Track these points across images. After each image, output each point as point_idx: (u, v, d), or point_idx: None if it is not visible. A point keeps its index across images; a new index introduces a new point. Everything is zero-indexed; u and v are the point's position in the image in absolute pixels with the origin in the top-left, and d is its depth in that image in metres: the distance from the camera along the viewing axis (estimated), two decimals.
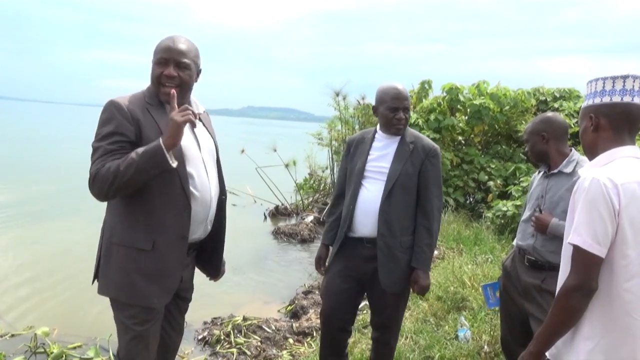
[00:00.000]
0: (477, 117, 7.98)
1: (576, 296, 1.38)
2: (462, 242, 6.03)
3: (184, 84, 1.87)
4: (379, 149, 2.38)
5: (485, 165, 7.95)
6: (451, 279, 4.43)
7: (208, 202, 1.96)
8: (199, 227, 1.97)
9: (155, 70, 1.86)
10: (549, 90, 8.79)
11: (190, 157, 1.91)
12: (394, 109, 2.29)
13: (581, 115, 1.57)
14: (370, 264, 2.34)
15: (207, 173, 1.97)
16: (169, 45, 1.85)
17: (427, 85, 8.75)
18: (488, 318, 3.60)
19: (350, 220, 2.37)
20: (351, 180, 2.42)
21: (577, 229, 1.38)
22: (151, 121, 1.83)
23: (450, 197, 7.70)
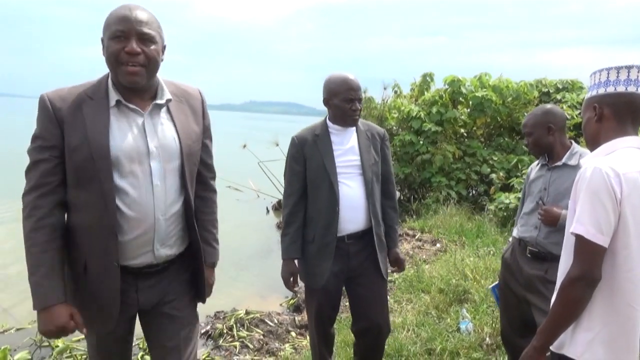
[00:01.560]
0: (479, 110, 7.95)
1: (580, 286, 1.39)
2: (465, 235, 6.03)
3: (151, 63, 1.51)
4: (340, 143, 2.35)
5: (487, 157, 7.93)
6: (453, 272, 4.43)
7: (150, 221, 1.56)
8: (140, 252, 1.60)
9: (111, 47, 1.47)
10: (552, 82, 8.74)
11: (126, 164, 1.52)
12: (350, 100, 2.29)
13: (584, 106, 1.57)
14: (354, 259, 2.36)
15: (153, 184, 1.56)
16: (126, 14, 1.47)
17: (429, 78, 8.72)
18: (490, 310, 3.61)
19: (336, 221, 2.30)
20: (318, 180, 2.32)
21: (580, 218, 1.38)
22: (80, 121, 1.49)
23: (453, 190, 7.69)
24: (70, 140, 1.49)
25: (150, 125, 1.58)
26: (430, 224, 6.59)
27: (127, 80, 1.50)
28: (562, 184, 2.23)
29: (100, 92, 1.55)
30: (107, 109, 1.52)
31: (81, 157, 1.48)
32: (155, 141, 1.57)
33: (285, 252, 2.40)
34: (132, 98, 1.57)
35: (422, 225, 6.61)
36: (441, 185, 7.73)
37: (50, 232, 1.50)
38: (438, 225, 6.49)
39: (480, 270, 4.36)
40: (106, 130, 1.50)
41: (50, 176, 1.51)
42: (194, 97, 1.74)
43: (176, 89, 1.70)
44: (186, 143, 1.64)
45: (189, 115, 1.69)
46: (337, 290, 2.45)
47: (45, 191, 1.50)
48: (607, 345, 1.40)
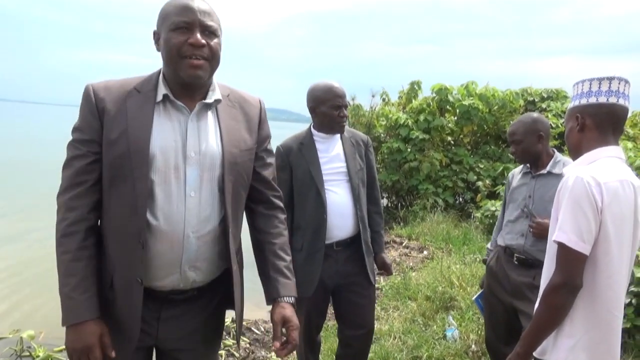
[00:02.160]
0: (466, 118, 8.04)
1: (562, 293, 1.41)
2: (451, 242, 6.07)
3: (215, 57, 1.39)
4: (326, 151, 2.36)
5: (474, 165, 8.01)
6: (440, 279, 4.45)
7: (178, 237, 1.38)
8: (168, 273, 1.41)
9: (172, 39, 1.34)
10: (537, 91, 8.87)
11: (161, 168, 1.36)
12: (337, 107, 2.30)
13: (567, 116, 1.60)
14: (343, 266, 2.36)
15: (186, 194, 1.38)
16: (189, 4, 1.35)
17: (417, 85, 8.80)
18: (475, 317, 3.63)
19: (324, 228, 2.29)
20: (305, 189, 2.31)
21: (562, 226, 1.40)
22: (122, 113, 1.37)
23: (440, 198, 7.75)
24: (110, 133, 1.35)
25: (194, 126, 1.41)
26: (418, 231, 6.62)
27: (190, 74, 1.35)
28: (547, 192, 2.25)
29: (148, 85, 1.41)
30: (152, 103, 1.39)
31: (118, 152, 1.34)
32: (195, 145, 1.39)
33: None
34: (183, 96, 1.41)
35: (410, 232, 6.63)
36: (428, 192, 7.79)
37: (83, 238, 1.36)
38: (425, 233, 6.52)
39: (466, 278, 4.38)
40: (148, 125, 1.36)
41: (85, 174, 1.37)
42: (250, 104, 1.57)
43: (231, 92, 1.54)
44: (230, 151, 1.43)
45: (240, 122, 1.50)
46: (326, 298, 2.45)
47: (80, 192, 1.36)
48: (589, 351, 1.42)
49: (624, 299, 1.48)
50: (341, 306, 2.48)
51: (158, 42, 1.40)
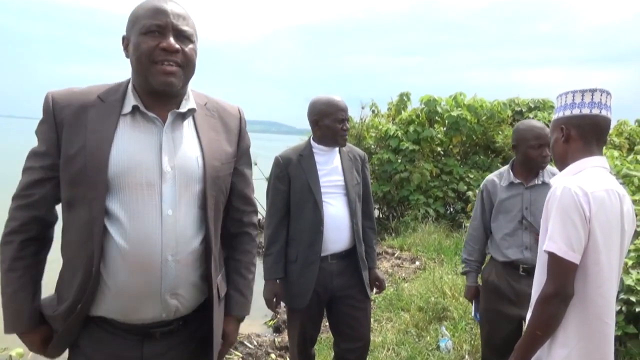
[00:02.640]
0: (455, 128, 8.11)
1: (554, 303, 1.42)
2: (443, 252, 6.09)
3: (189, 64, 1.29)
4: (324, 163, 2.37)
5: (464, 175, 8.07)
6: (432, 290, 4.46)
7: (155, 263, 1.23)
8: (146, 303, 1.27)
9: (142, 44, 1.23)
10: (524, 101, 8.99)
11: (130, 186, 1.23)
12: (341, 120, 2.33)
13: (552, 127, 1.63)
14: (337, 279, 2.36)
15: (163, 214, 1.24)
16: (161, 6, 1.24)
17: (406, 97, 8.87)
18: (468, 328, 3.63)
19: (320, 240, 2.29)
20: (303, 200, 2.31)
21: (552, 236, 1.42)
22: (82, 126, 1.24)
23: (431, 208, 7.78)
24: (69, 148, 1.23)
25: (169, 139, 1.29)
26: (409, 242, 6.63)
27: (161, 81, 1.24)
28: None
29: (115, 95, 1.29)
30: (116, 115, 1.26)
31: (75, 169, 1.23)
32: (171, 159, 1.27)
33: (267, 273, 2.36)
34: (154, 106, 1.29)
35: (401, 243, 6.64)
36: (419, 203, 7.82)
37: (19, 248, 1.29)
38: (417, 243, 6.54)
39: (458, 288, 4.39)
40: (108, 139, 1.23)
41: (32, 188, 1.28)
42: (230, 113, 1.46)
43: (208, 101, 1.43)
44: (211, 164, 1.33)
45: (220, 133, 1.40)
46: (320, 311, 2.44)
47: (23, 204, 1.29)
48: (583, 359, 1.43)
49: (614, 307, 1.50)
50: (337, 319, 2.47)
51: (127, 48, 1.29)
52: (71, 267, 1.29)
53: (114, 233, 1.22)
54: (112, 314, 1.29)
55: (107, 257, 1.23)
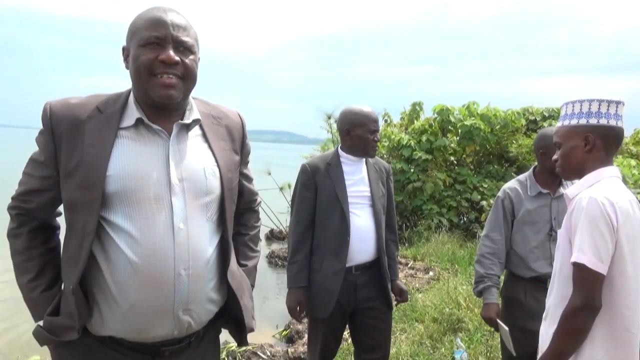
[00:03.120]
0: (468, 138, 8.07)
1: (583, 315, 1.41)
2: (457, 263, 6.03)
3: (190, 76, 1.26)
4: (352, 173, 2.37)
5: (477, 184, 8.01)
6: (446, 300, 4.41)
7: (168, 278, 1.21)
8: (159, 320, 1.24)
9: (141, 56, 1.21)
10: (538, 110, 8.92)
11: (137, 200, 1.21)
12: (373, 131, 2.33)
13: (569, 134, 1.57)
14: (362, 290, 2.35)
15: (175, 227, 1.22)
16: (161, 17, 1.22)
17: (418, 106, 8.87)
18: (484, 339, 3.58)
19: (346, 250, 2.28)
20: (329, 209, 2.30)
21: (581, 248, 1.40)
22: (80, 139, 1.21)
23: (444, 217, 7.73)
24: (68, 162, 1.21)
25: (175, 151, 1.27)
26: (423, 252, 6.58)
27: (161, 94, 1.22)
28: None
29: (114, 106, 1.26)
30: (115, 127, 1.23)
31: (73, 185, 1.21)
32: (179, 172, 1.25)
33: (292, 281, 2.34)
34: (158, 118, 1.27)
35: (415, 253, 6.60)
36: (432, 212, 7.77)
37: (30, 238, 1.31)
38: (430, 253, 6.49)
39: (473, 299, 4.34)
40: (106, 154, 1.20)
41: (30, 195, 1.29)
42: (232, 120, 1.44)
43: (211, 109, 1.41)
44: (227, 176, 1.33)
45: (227, 141, 1.39)
46: (343, 323, 2.43)
47: (22, 207, 1.31)
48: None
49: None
50: (359, 330, 2.46)
51: (127, 59, 1.27)
52: (66, 285, 1.28)
53: (125, 248, 1.19)
54: (122, 332, 1.25)
55: (116, 273, 1.20)
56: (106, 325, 1.25)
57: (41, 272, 1.32)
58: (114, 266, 1.21)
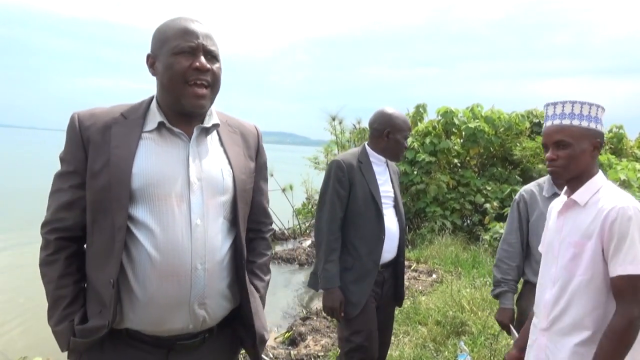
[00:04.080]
0: (472, 140, 8.06)
1: (637, 326, 1.40)
2: (460, 265, 6.01)
3: (217, 83, 1.35)
4: (381, 174, 2.41)
5: (481, 187, 7.99)
6: (450, 303, 4.39)
7: (185, 271, 1.27)
8: (175, 313, 1.29)
9: (175, 64, 1.27)
10: (542, 113, 8.88)
11: (158, 198, 1.27)
12: (407, 138, 2.43)
13: (582, 136, 1.52)
14: (381, 287, 2.41)
15: (192, 224, 1.29)
16: (191, 27, 1.29)
17: (422, 109, 8.86)
18: (488, 343, 3.56)
19: (380, 249, 2.31)
20: (364, 208, 2.30)
21: (636, 259, 1.39)
22: (106, 142, 1.29)
23: (448, 220, 7.71)
24: (94, 164, 1.27)
25: (195, 152, 1.34)
26: (426, 254, 6.57)
27: (193, 104, 1.30)
28: None
29: (137, 112, 1.34)
30: (139, 130, 1.31)
31: (101, 184, 1.26)
32: (198, 172, 1.32)
33: (330, 281, 2.28)
34: (179, 122, 1.34)
35: (418, 255, 6.58)
36: (436, 215, 7.75)
37: (66, 265, 1.32)
38: (433, 256, 6.47)
39: (477, 302, 4.33)
40: (131, 154, 1.27)
41: (63, 211, 1.31)
42: (248, 130, 1.52)
43: (228, 119, 1.50)
44: (240, 177, 1.39)
45: (242, 148, 1.46)
46: (374, 318, 2.39)
47: (56, 228, 1.32)
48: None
49: None
50: None
51: (153, 66, 1.34)
52: (98, 281, 1.30)
53: (145, 242, 1.25)
54: (141, 325, 1.29)
55: (137, 266, 1.26)
56: (125, 318, 1.28)
57: (75, 299, 1.32)
58: (135, 260, 1.26)
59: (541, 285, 1.65)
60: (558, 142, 1.53)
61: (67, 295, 1.31)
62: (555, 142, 1.54)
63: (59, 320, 1.31)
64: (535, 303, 1.67)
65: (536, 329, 1.63)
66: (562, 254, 1.55)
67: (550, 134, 1.56)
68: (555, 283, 1.55)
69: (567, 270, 1.52)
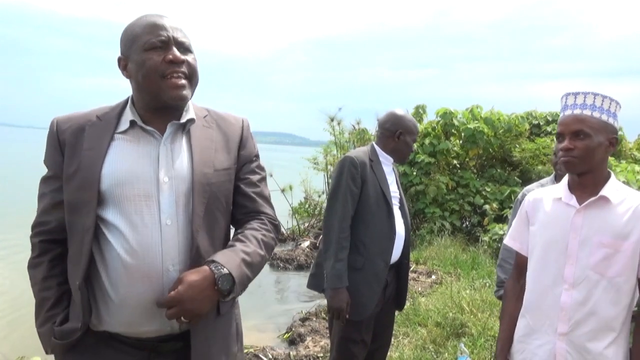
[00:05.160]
0: (471, 141, 8.06)
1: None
2: (460, 267, 6.01)
3: (195, 74, 1.32)
4: (389, 174, 2.42)
5: (480, 188, 7.99)
6: (450, 305, 4.39)
7: (156, 273, 1.23)
8: (150, 315, 1.24)
9: (148, 60, 1.24)
10: (542, 114, 8.92)
11: (128, 199, 1.24)
12: (415, 141, 2.46)
13: (601, 129, 1.48)
14: (385, 291, 2.39)
15: (162, 224, 1.25)
16: (158, 22, 1.27)
17: (422, 110, 8.86)
18: (488, 345, 3.56)
19: (391, 249, 2.30)
20: (376, 207, 2.28)
21: None
22: (79, 145, 1.28)
23: (447, 221, 7.71)
24: (68, 168, 1.28)
25: (166, 150, 1.30)
26: (425, 255, 6.56)
27: (174, 95, 1.25)
28: None
29: (112, 112, 1.33)
30: (111, 131, 1.29)
31: (73, 187, 1.27)
32: (169, 170, 1.28)
33: (338, 280, 2.18)
34: (154, 120, 1.31)
35: (417, 256, 6.58)
36: (435, 216, 7.75)
37: (50, 267, 1.34)
38: (433, 257, 6.47)
39: (477, 303, 4.32)
40: (101, 155, 1.26)
41: (47, 215, 1.33)
42: (230, 123, 1.45)
43: (209, 113, 1.43)
44: (201, 171, 1.30)
45: (216, 142, 1.38)
46: (372, 322, 2.38)
47: (41, 230, 1.35)
48: None
49: None
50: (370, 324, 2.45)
51: (126, 69, 1.30)
52: (72, 283, 1.31)
53: (116, 244, 1.23)
54: (117, 327, 1.28)
55: (109, 268, 1.24)
56: (103, 321, 1.28)
57: (58, 301, 1.33)
58: (107, 262, 1.25)
59: (544, 286, 1.56)
60: (577, 132, 1.47)
61: (50, 297, 1.32)
62: (574, 132, 1.48)
63: (42, 321, 1.32)
64: (535, 305, 1.59)
65: (541, 332, 1.57)
66: (585, 254, 1.48)
67: (568, 123, 1.49)
68: (576, 285, 1.49)
69: (596, 271, 1.46)
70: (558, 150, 1.53)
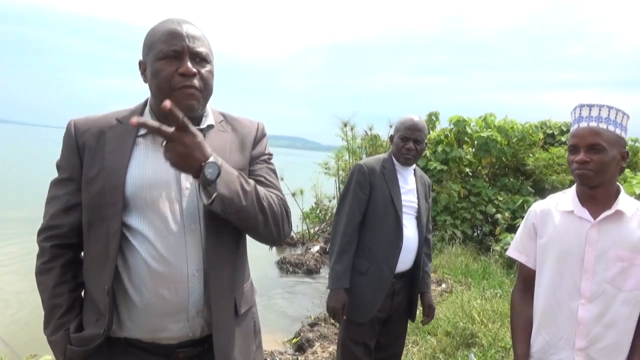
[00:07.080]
0: (484, 150, 8.00)
1: None
2: (470, 276, 5.95)
3: (207, 87, 1.29)
4: (404, 182, 2.39)
5: (492, 197, 7.92)
6: (460, 314, 4.34)
7: (182, 278, 1.23)
8: (173, 320, 1.25)
9: (160, 71, 1.24)
10: (556, 124, 8.83)
11: (153, 204, 1.24)
12: (406, 139, 2.33)
13: (615, 143, 1.48)
14: (396, 298, 2.38)
15: (185, 229, 1.26)
16: (176, 30, 1.25)
17: (435, 117, 8.84)
18: (499, 356, 3.52)
19: (397, 257, 2.30)
20: (383, 213, 2.29)
21: None
22: (101, 147, 1.28)
23: (458, 229, 7.65)
24: (89, 170, 1.27)
25: None
26: (436, 264, 6.51)
27: (184, 105, 1.22)
28: None
29: (131, 116, 1.28)
30: (133, 135, 1.28)
31: (95, 191, 1.25)
32: (188, 176, 1.26)
33: (337, 281, 2.27)
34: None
35: None
36: (446, 224, 7.70)
37: (61, 273, 1.32)
38: (443, 265, 6.42)
39: (487, 314, 4.27)
40: (125, 158, 1.26)
41: (59, 218, 1.31)
42: (245, 126, 1.44)
43: (225, 118, 1.43)
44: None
45: (230, 143, 1.38)
46: (377, 329, 2.40)
47: (52, 235, 1.32)
48: None
49: None
50: (380, 333, 2.45)
51: (144, 73, 1.30)
52: (94, 289, 1.29)
53: (140, 249, 1.22)
54: (139, 333, 1.27)
55: (132, 273, 1.24)
56: (123, 326, 1.27)
57: (71, 308, 1.32)
58: (131, 266, 1.24)
59: (560, 301, 1.54)
60: (592, 145, 1.46)
61: (62, 304, 1.30)
62: (590, 145, 1.46)
63: (54, 329, 1.30)
64: (551, 320, 1.57)
65: (558, 348, 1.55)
66: (602, 268, 1.47)
67: (584, 135, 1.47)
68: (593, 299, 1.48)
69: (613, 285, 1.45)
70: (572, 162, 1.51)
